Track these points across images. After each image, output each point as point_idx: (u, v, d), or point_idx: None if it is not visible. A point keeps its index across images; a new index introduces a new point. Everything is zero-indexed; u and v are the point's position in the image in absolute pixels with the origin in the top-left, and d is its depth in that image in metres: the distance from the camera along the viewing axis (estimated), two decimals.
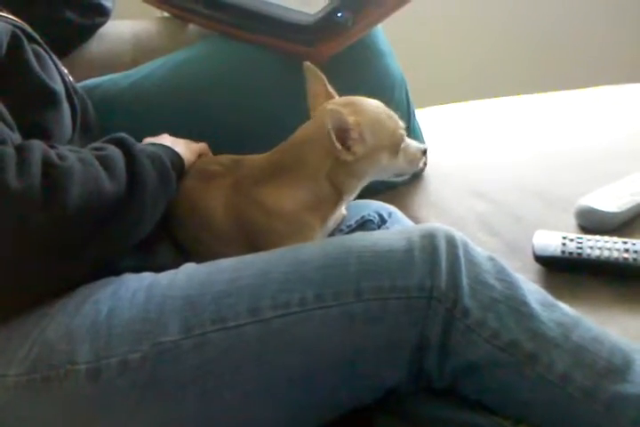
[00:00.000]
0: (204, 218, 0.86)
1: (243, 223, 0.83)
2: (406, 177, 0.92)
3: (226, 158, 0.90)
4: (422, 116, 1.24)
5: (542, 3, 2.04)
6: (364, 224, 0.96)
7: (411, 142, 0.85)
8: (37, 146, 0.68)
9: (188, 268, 0.76)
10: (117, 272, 0.74)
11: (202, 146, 0.97)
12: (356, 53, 1.11)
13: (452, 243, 0.71)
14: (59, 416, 0.66)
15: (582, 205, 1.05)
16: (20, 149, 0.67)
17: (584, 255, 0.94)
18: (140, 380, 0.65)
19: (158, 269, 0.75)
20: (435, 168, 1.22)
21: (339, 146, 0.76)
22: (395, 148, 0.82)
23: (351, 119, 0.77)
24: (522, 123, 1.40)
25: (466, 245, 0.71)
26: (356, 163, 0.79)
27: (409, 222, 1.00)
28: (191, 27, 1.26)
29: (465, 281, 0.68)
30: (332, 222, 0.88)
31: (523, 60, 2.03)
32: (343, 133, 0.76)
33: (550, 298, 0.72)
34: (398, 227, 0.95)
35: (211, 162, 0.92)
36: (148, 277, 0.73)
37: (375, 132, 0.80)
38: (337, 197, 0.83)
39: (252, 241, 0.82)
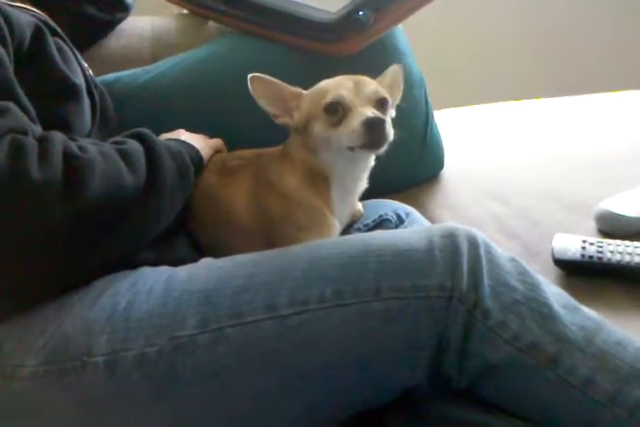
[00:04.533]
0: (224, 213, 0.86)
1: (261, 213, 0.83)
2: (367, 152, 0.82)
3: (248, 153, 0.91)
4: (441, 117, 1.23)
5: (564, 10, 2.03)
6: (381, 223, 0.95)
7: (359, 114, 0.78)
8: (59, 137, 0.68)
9: (206, 262, 0.75)
10: (134, 265, 0.74)
11: (217, 141, 0.97)
12: (376, 53, 1.11)
13: (473, 243, 0.70)
14: (74, 408, 0.66)
15: (602, 209, 1.04)
16: (41, 141, 0.67)
17: (604, 260, 0.93)
18: (156, 373, 0.64)
19: (175, 263, 0.75)
20: (453, 170, 1.22)
21: (271, 110, 0.84)
22: (324, 117, 0.80)
23: (292, 90, 0.85)
24: (541, 126, 1.40)
25: (487, 246, 0.70)
26: (304, 136, 0.83)
27: (426, 223, 0.99)
28: (210, 24, 1.26)
29: (486, 282, 0.67)
30: (345, 214, 0.87)
31: (543, 63, 2.01)
32: (283, 103, 0.84)
33: (573, 301, 0.70)
34: (418, 226, 0.94)
35: (231, 157, 0.93)
36: (165, 270, 0.73)
37: (312, 101, 0.83)
38: (324, 175, 0.84)
39: (269, 234, 0.82)
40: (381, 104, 0.81)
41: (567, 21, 2.02)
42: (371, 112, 0.77)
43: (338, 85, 0.81)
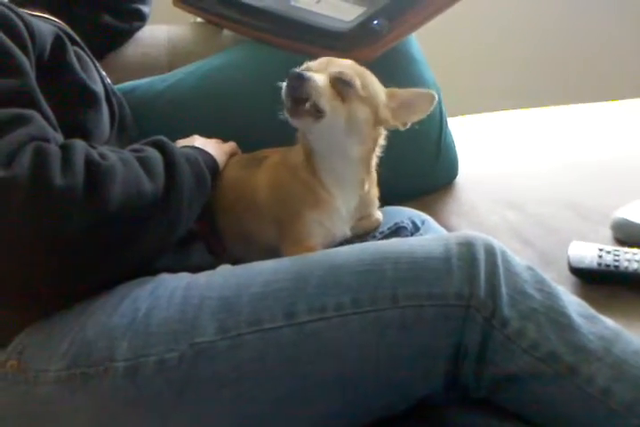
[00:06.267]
0: (249, 196, 0.88)
1: (277, 189, 0.86)
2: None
3: (276, 149, 0.94)
4: (455, 125, 1.23)
5: (580, 17, 2.02)
6: (397, 231, 0.95)
7: None
8: (80, 145, 0.69)
9: (225, 269, 0.76)
10: (153, 272, 0.74)
11: (232, 146, 0.99)
12: (390, 60, 1.11)
13: (490, 251, 0.70)
14: (95, 412, 0.66)
15: (619, 217, 1.04)
16: (63, 148, 0.68)
17: (621, 268, 0.92)
18: (176, 379, 0.65)
19: (193, 269, 0.76)
20: (467, 177, 1.22)
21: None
22: None
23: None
24: (557, 133, 1.39)
25: (504, 255, 0.70)
26: None
27: (442, 230, 0.99)
28: (225, 32, 1.27)
29: (504, 290, 0.67)
30: (350, 206, 0.86)
31: (556, 71, 2.01)
32: None
33: (591, 310, 0.70)
34: (434, 234, 0.94)
35: (258, 152, 0.96)
36: (185, 277, 0.74)
37: None
38: (312, 154, 0.85)
39: (280, 211, 0.85)
40: (341, 83, 0.81)
41: (585, 32, 2.01)
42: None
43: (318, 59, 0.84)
